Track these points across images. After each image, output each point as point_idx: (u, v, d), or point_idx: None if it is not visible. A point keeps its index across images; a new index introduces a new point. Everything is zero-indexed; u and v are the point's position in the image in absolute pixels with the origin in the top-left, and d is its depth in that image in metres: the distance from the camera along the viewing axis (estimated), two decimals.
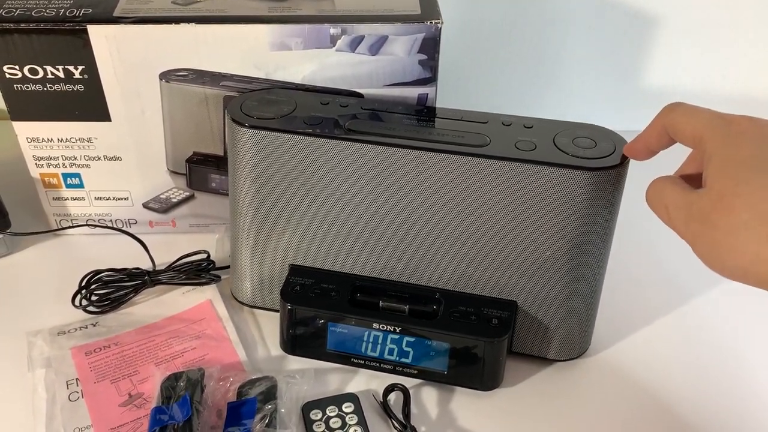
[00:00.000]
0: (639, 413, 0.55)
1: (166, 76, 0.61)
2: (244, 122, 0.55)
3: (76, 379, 0.56)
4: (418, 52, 0.60)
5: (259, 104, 0.58)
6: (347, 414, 0.53)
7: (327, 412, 0.53)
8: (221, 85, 0.62)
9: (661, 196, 0.42)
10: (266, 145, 0.55)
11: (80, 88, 0.61)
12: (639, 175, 0.63)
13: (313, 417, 0.53)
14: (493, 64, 0.86)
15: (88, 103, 0.62)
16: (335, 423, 0.52)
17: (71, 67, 0.60)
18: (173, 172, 0.67)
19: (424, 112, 0.59)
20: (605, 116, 0.63)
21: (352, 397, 0.54)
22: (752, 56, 0.85)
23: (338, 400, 0.54)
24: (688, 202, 0.39)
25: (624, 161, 0.51)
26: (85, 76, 0.60)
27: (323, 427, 0.52)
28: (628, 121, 0.67)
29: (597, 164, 0.51)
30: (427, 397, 0.56)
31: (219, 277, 0.65)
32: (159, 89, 0.61)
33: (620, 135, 0.54)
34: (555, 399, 0.56)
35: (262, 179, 0.56)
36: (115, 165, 0.66)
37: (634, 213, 0.62)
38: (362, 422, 0.52)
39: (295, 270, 0.59)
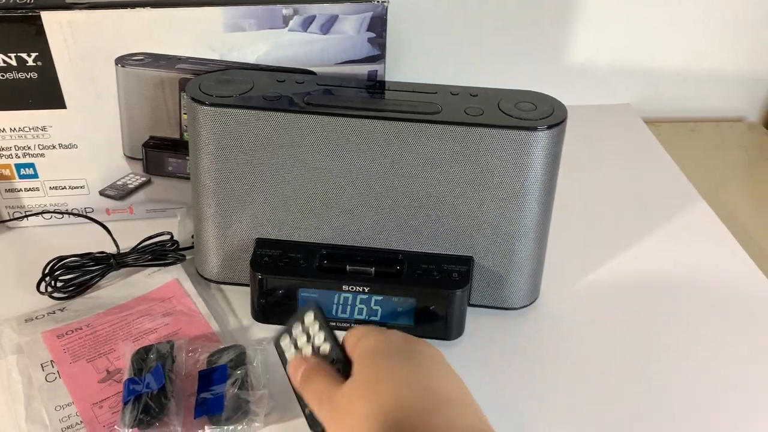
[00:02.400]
0: (588, 354, 0.60)
1: (122, 60, 0.62)
2: (204, 101, 0.57)
3: (51, 361, 0.56)
4: (367, 30, 0.63)
5: (217, 84, 0.60)
6: (309, 325, 0.48)
7: (294, 333, 0.49)
8: (177, 68, 0.63)
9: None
10: (227, 122, 0.57)
11: (34, 75, 0.61)
12: (577, 134, 0.69)
13: (284, 346, 0.49)
14: (437, 39, 0.90)
15: (42, 91, 0.62)
16: (301, 340, 0.48)
17: (24, 55, 0.60)
18: (130, 158, 0.68)
19: (377, 85, 0.62)
20: (540, 86, 0.68)
21: (310, 306, 0.49)
22: (674, 31, 0.93)
23: (298, 316, 0.49)
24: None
25: (563, 120, 0.56)
26: (39, 63, 0.60)
27: (293, 349, 0.49)
28: (557, 93, 0.72)
29: (539, 124, 0.56)
30: None
31: (184, 256, 0.66)
32: (114, 74, 0.62)
33: (557, 99, 0.59)
34: (512, 344, 0.61)
35: (225, 156, 0.58)
36: (70, 153, 0.66)
37: (572, 170, 0.68)
38: (324, 326, 0.48)
39: (261, 243, 0.61)
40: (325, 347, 0.47)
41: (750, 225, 0.79)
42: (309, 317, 0.48)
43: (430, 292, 0.58)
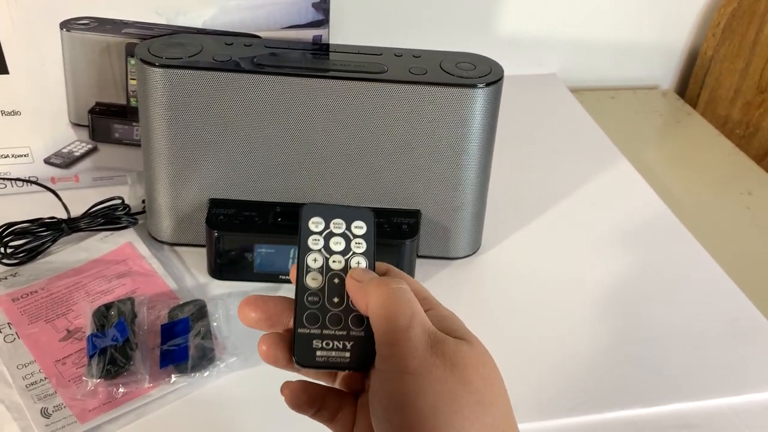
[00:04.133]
0: (524, 298, 0.65)
1: (67, 25, 0.62)
2: (154, 62, 0.58)
3: (8, 323, 0.56)
4: None
5: (166, 47, 0.61)
6: (355, 237, 0.39)
7: (331, 226, 0.39)
8: (123, 33, 0.63)
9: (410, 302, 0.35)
10: (179, 83, 0.58)
11: None
12: (509, 102, 0.73)
13: (312, 227, 0.39)
14: (380, 4, 0.92)
15: None
16: (337, 244, 0.39)
17: None
18: (75, 125, 0.68)
19: (324, 48, 0.65)
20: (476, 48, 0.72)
21: (366, 215, 0.40)
22: (596, 4, 0.98)
23: (349, 214, 0.40)
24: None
25: (500, 78, 0.61)
26: None
27: (321, 243, 0.39)
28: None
29: (479, 82, 0.59)
30: None
31: (137, 220, 0.67)
32: (59, 39, 0.62)
33: (494, 60, 0.63)
34: (458, 290, 0.65)
35: (176, 118, 0.59)
36: (13, 120, 0.66)
37: (506, 135, 0.72)
38: (369, 253, 0.39)
39: (215, 203, 0.63)
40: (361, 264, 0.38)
41: (665, 177, 0.87)
42: (360, 228, 0.39)
43: (381, 243, 0.61)
